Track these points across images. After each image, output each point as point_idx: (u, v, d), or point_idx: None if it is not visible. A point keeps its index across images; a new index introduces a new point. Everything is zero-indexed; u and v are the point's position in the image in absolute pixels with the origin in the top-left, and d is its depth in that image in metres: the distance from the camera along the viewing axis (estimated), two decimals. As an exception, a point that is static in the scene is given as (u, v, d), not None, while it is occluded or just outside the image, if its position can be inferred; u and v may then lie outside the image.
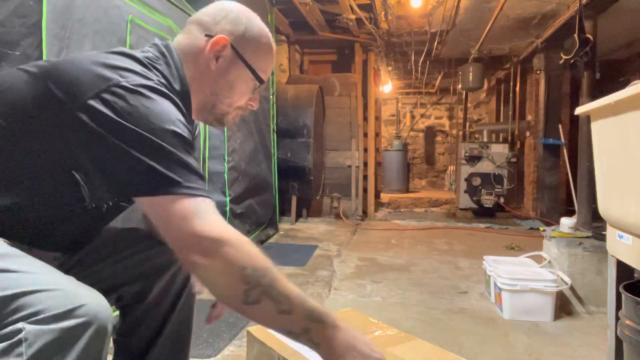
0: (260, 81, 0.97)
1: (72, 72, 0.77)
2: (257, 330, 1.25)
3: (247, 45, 0.94)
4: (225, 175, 3.16)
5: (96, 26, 1.69)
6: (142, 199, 0.75)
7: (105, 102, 0.73)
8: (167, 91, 0.81)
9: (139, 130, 0.73)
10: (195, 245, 0.73)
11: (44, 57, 1.37)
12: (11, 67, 1.31)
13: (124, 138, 0.72)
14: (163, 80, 0.86)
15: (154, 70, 0.86)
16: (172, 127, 0.76)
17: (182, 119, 0.80)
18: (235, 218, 3.28)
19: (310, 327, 0.77)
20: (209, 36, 0.93)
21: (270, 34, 0.99)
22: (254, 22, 0.97)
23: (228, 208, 3.18)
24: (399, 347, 1.14)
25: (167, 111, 0.77)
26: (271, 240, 4.13)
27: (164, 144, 0.74)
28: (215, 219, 0.75)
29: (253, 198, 3.71)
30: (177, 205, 0.73)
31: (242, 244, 0.75)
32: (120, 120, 0.73)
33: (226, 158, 3.15)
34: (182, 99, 0.89)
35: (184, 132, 0.78)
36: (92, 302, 0.68)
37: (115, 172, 0.75)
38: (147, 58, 0.87)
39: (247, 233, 3.55)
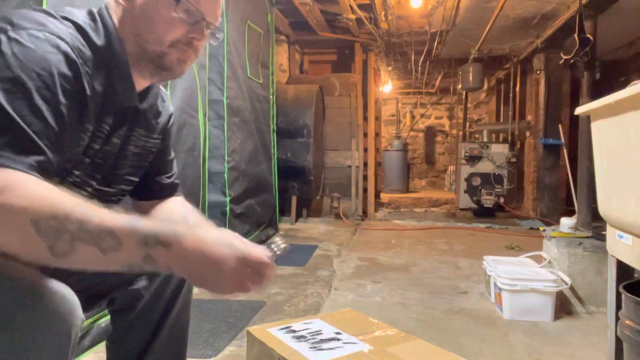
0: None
1: None
2: (257, 330, 1.25)
3: None
4: (225, 175, 3.16)
5: (96, 26, 1.69)
6: None
7: None
8: (55, 36, 0.73)
9: None
10: None
11: (44, 57, 1.37)
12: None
13: None
14: (72, 31, 0.77)
15: (66, 22, 0.78)
16: (35, 70, 0.68)
17: (64, 68, 0.73)
18: (235, 218, 3.28)
19: (150, 252, 0.64)
20: None
21: None
22: None
23: (228, 208, 3.18)
24: (399, 347, 1.14)
25: (38, 57, 0.69)
26: (271, 240, 4.13)
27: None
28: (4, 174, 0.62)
29: (253, 198, 3.71)
30: None
31: (28, 187, 0.61)
32: None
33: (226, 158, 3.15)
34: (107, 52, 0.82)
35: (52, 78, 0.70)
36: (55, 297, 0.63)
37: None
38: (64, 12, 0.80)
39: (247, 233, 3.55)
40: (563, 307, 2.42)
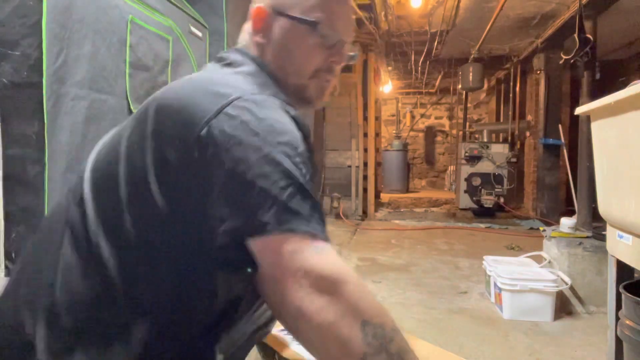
0: (312, 24, 0.76)
1: (179, 100, 0.66)
2: (257, 330, 1.26)
3: None
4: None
5: (96, 26, 1.69)
6: (254, 242, 0.57)
7: (224, 121, 0.60)
8: (283, 103, 0.68)
9: (263, 149, 0.58)
10: (307, 280, 0.55)
11: (44, 57, 1.37)
12: (12, 68, 1.31)
13: (243, 160, 0.58)
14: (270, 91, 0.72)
15: (258, 81, 0.74)
16: (297, 145, 0.62)
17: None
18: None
19: None
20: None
21: None
22: None
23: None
24: (399, 347, 1.14)
25: (291, 126, 0.64)
26: (271, 240, 4.13)
27: (291, 168, 0.59)
28: (335, 255, 0.59)
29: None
30: (291, 242, 0.56)
31: (364, 287, 0.58)
32: (242, 137, 0.59)
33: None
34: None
35: (305, 150, 0.64)
36: None
37: (226, 205, 0.58)
38: (241, 69, 0.75)
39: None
40: (563, 307, 2.42)
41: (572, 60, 3.16)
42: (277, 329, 1.25)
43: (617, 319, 1.44)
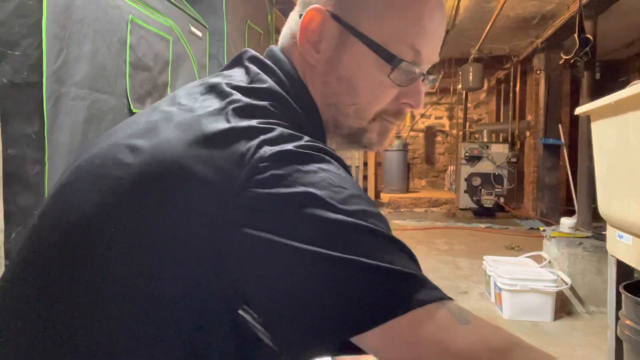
0: (391, 59, 0.55)
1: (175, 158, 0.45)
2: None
3: (359, 6, 0.56)
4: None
5: (96, 26, 1.69)
6: (367, 336, 0.40)
7: (257, 194, 0.42)
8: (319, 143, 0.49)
9: (330, 216, 0.41)
10: None
11: (44, 57, 1.37)
12: (12, 68, 1.31)
13: (306, 237, 0.40)
14: (299, 118, 0.54)
15: (283, 107, 0.53)
16: (358, 191, 0.46)
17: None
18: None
19: None
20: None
21: None
22: None
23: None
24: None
25: (344, 172, 0.47)
26: (271, 240, 4.13)
27: (366, 223, 0.42)
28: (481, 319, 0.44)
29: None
30: (433, 318, 0.42)
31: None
32: (294, 208, 0.42)
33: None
34: (314, 126, 0.57)
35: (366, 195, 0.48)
36: None
37: (299, 300, 0.40)
38: (258, 85, 0.54)
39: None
40: (563, 307, 2.42)
41: (572, 60, 3.16)
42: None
43: (617, 319, 1.44)
